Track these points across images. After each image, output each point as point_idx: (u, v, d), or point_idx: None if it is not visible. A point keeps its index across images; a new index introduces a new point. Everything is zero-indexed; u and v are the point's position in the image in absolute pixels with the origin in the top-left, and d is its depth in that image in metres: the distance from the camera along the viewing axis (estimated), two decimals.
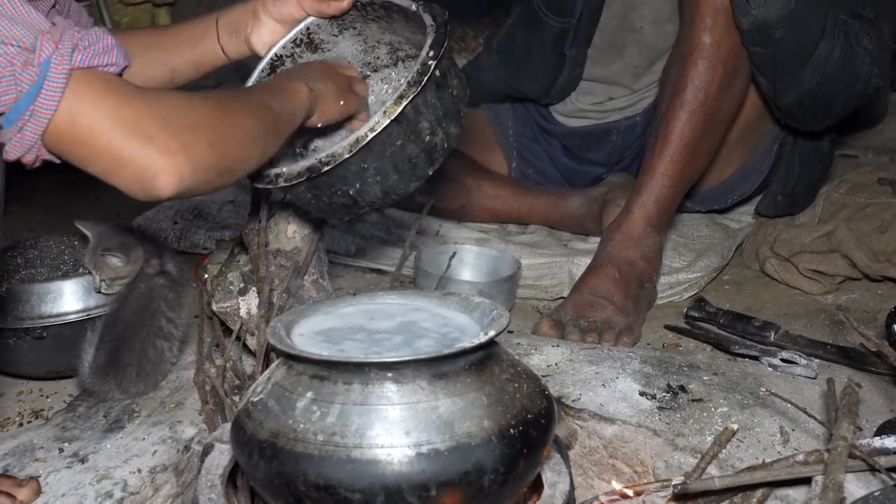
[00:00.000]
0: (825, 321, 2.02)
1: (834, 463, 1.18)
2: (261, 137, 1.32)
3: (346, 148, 1.41)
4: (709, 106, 2.03)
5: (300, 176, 1.44)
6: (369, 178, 1.46)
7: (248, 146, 1.29)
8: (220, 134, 1.21)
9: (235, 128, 1.26)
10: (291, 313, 1.26)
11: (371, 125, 1.40)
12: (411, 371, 1.07)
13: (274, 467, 1.07)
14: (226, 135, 1.23)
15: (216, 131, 1.21)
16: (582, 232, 2.48)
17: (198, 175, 1.17)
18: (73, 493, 1.37)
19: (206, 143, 1.18)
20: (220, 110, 1.25)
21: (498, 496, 1.09)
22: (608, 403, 1.56)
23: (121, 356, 1.63)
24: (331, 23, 1.65)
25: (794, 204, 2.46)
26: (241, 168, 1.31)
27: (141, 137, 1.12)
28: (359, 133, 1.41)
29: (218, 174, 1.23)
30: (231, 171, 1.26)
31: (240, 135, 1.26)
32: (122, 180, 1.14)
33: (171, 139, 1.14)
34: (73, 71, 1.08)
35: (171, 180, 1.14)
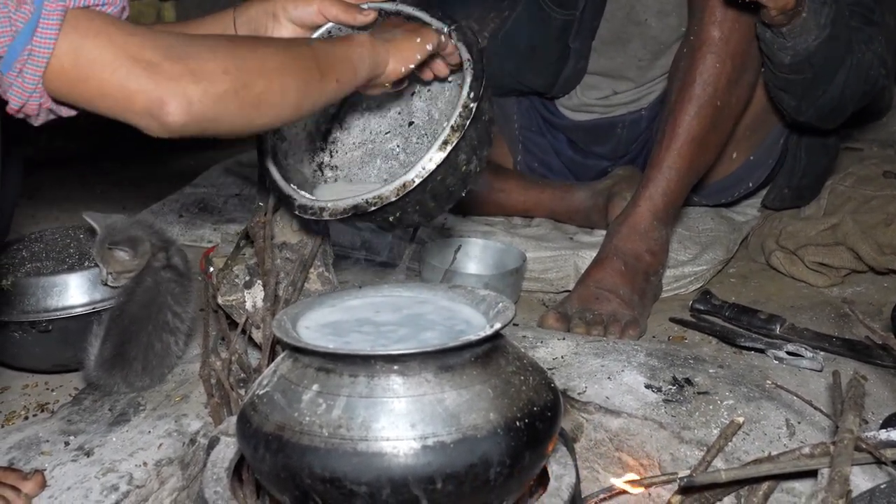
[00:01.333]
0: (831, 314, 2.02)
1: (840, 455, 1.18)
2: (293, 70, 1.26)
3: (392, 192, 1.42)
4: (717, 100, 2.02)
5: (345, 212, 1.45)
6: (409, 208, 1.47)
7: (276, 76, 1.22)
8: (235, 59, 1.17)
9: (256, 55, 1.21)
10: (297, 306, 1.26)
11: (417, 171, 1.42)
12: (417, 364, 1.07)
13: (280, 460, 1.06)
14: (243, 60, 1.18)
15: (231, 57, 1.17)
16: (587, 225, 2.48)
17: (210, 101, 1.13)
18: (79, 486, 1.37)
19: (219, 69, 1.14)
20: (237, 40, 1.24)
21: (504, 489, 1.09)
22: (614, 396, 1.56)
23: (127, 350, 1.63)
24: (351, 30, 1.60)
25: (800, 197, 2.46)
26: (275, 102, 1.24)
27: (145, 66, 1.09)
28: (405, 178, 1.41)
29: (239, 104, 1.17)
30: (257, 102, 1.20)
31: (262, 63, 1.21)
32: (133, 114, 1.12)
33: (177, 65, 1.10)
34: (70, 10, 1.06)
35: (179, 105, 1.10)
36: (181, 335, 1.71)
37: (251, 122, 1.22)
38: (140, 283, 1.68)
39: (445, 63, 1.58)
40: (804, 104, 2.10)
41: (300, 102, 1.28)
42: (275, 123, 1.30)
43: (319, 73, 1.30)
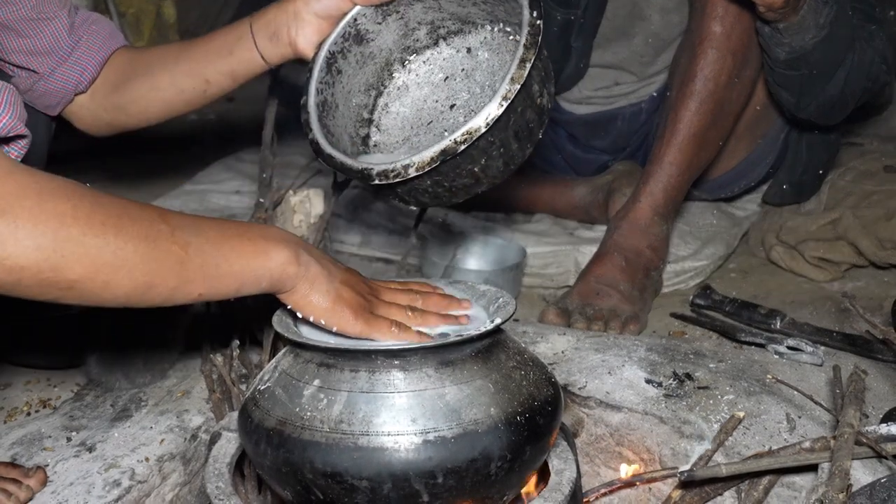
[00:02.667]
0: (831, 308, 2.02)
1: (840, 450, 1.18)
2: (141, 269, 1.02)
3: (482, 122, 1.31)
4: (718, 95, 2.02)
5: (434, 161, 1.32)
6: (494, 151, 1.38)
7: (109, 271, 1.00)
8: (59, 240, 0.96)
9: (94, 243, 0.98)
10: None
11: (503, 94, 1.32)
12: (418, 359, 1.07)
13: (281, 455, 1.07)
14: (69, 244, 0.97)
15: (55, 235, 0.96)
16: (587, 220, 2.48)
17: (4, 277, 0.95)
18: (81, 481, 1.38)
19: (30, 242, 0.94)
20: (84, 217, 0.98)
21: (504, 483, 1.09)
22: (614, 391, 1.56)
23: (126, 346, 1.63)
24: (375, 10, 1.57)
25: (800, 192, 2.46)
26: (94, 292, 1.01)
27: None
28: (492, 105, 1.31)
29: (39, 283, 0.97)
30: (70, 288, 0.99)
31: (97, 253, 0.99)
32: None
33: None
34: None
35: None
36: (180, 330, 1.71)
37: (55, 299, 1.00)
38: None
39: None
40: (803, 101, 2.10)
41: (131, 300, 1.05)
42: (88, 305, 1.04)
43: (179, 280, 1.06)
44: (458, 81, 1.67)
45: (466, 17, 1.61)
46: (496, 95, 1.33)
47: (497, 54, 1.64)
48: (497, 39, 1.63)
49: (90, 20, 1.57)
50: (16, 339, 1.77)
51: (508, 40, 1.61)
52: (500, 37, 1.63)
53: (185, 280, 1.06)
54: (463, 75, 1.66)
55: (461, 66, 1.67)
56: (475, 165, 1.39)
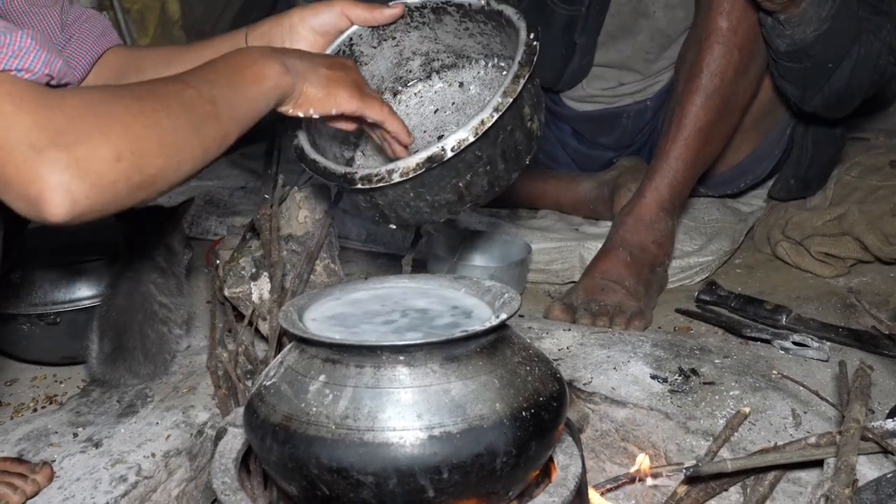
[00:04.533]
0: (837, 304, 2.02)
1: (846, 445, 1.18)
2: (195, 138, 1.14)
3: (470, 131, 1.31)
4: (724, 90, 2.02)
5: (419, 167, 1.32)
6: (480, 167, 1.37)
7: (176, 150, 1.11)
8: (131, 142, 1.04)
9: (156, 131, 1.08)
10: (303, 298, 1.27)
11: (495, 105, 1.32)
12: (423, 354, 1.07)
13: (287, 451, 1.07)
14: (141, 141, 1.05)
15: (127, 138, 1.04)
16: (593, 216, 2.48)
17: (99, 194, 1.01)
18: (88, 477, 1.38)
19: (111, 155, 1.01)
20: (137, 111, 1.07)
21: (510, 478, 1.09)
22: (620, 387, 1.56)
23: (124, 342, 1.64)
24: (372, 33, 1.57)
25: (806, 187, 2.45)
26: (170, 176, 1.11)
27: (27, 151, 0.97)
28: (483, 115, 1.32)
29: (133, 188, 1.05)
30: (154, 181, 1.08)
31: (162, 139, 1.09)
32: (10, 201, 1.00)
33: (63, 153, 0.98)
34: None
35: (60, 202, 0.98)
36: (174, 324, 1.71)
37: (144, 199, 1.09)
38: (121, 276, 1.69)
39: (388, 138, 1.49)
40: (808, 94, 2.09)
41: (196, 168, 1.17)
42: (167, 192, 1.15)
43: (222, 133, 1.19)
44: (448, 114, 1.68)
45: (461, 51, 1.61)
46: (487, 106, 1.32)
47: (489, 89, 1.64)
48: (490, 75, 1.64)
49: (83, 18, 1.56)
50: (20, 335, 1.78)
51: (501, 76, 1.61)
52: (493, 72, 1.64)
53: (224, 129, 1.20)
54: (453, 108, 1.67)
55: (452, 99, 1.67)
56: (460, 180, 1.38)
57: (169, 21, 3.82)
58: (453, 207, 1.43)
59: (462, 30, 1.57)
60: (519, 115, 1.38)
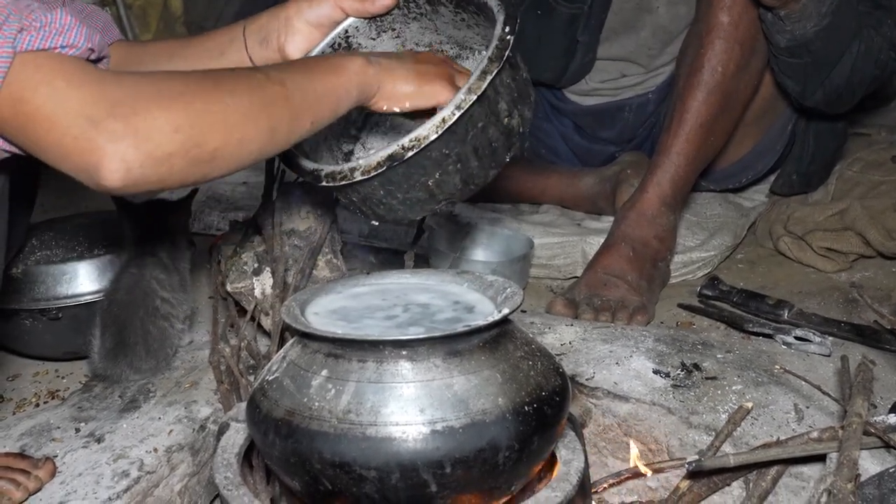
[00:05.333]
0: (839, 299, 2.02)
1: (849, 440, 1.18)
2: (262, 117, 1.16)
3: (431, 129, 1.29)
4: (725, 85, 2.02)
5: (380, 166, 1.31)
6: (450, 165, 1.35)
7: (236, 129, 1.12)
8: (190, 115, 1.07)
9: (218, 107, 1.10)
10: (305, 292, 1.27)
11: (456, 103, 1.30)
12: (426, 349, 1.07)
13: (289, 445, 1.07)
14: (201, 115, 1.08)
15: (186, 112, 1.06)
16: (595, 211, 2.48)
17: (153, 164, 1.04)
18: (90, 472, 1.38)
19: (169, 126, 1.04)
20: (197, 88, 1.10)
21: (513, 473, 1.09)
22: (622, 381, 1.56)
23: (126, 337, 1.64)
24: (370, 24, 1.56)
25: (808, 182, 2.45)
26: (233, 154, 1.13)
27: (85, 122, 1.01)
28: (444, 113, 1.29)
29: (191, 162, 1.08)
30: (213, 158, 1.10)
31: (225, 115, 1.11)
32: (68, 170, 1.05)
33: (120, 123, 1.01)
34: (20, 54, 1.01)
35: (116, 170, 1.02)
36: (176, 319, 1.71)
37: (203, 176, 1.12)
38: (124, 271, 1.69)
39: None
40: (808, 89, 2.09)
41: (263, 150, 1.19)
42: (229, 174, 1.18)
43: (291, 116, 1.20)
44: None
45: (464, 42, 1.60)
46: (450, 103, 1.31)
47: None
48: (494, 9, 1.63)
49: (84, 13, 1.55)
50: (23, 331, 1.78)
51: None
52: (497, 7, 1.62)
53: (295, 114, 1.21)
54: None
55: None
56: (429, 178, 1.36)
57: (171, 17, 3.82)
58: (426, 205, 1.41)
59: (459, 20, 1.56)
60: (492, 111, 1.35)
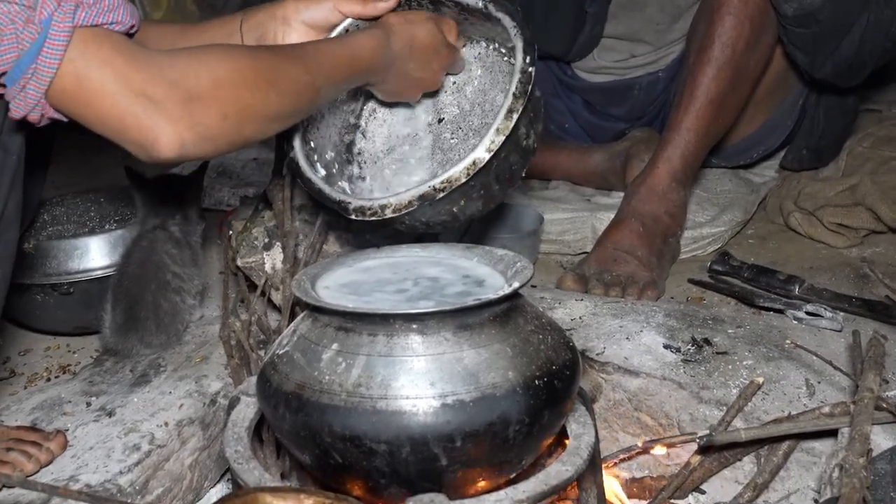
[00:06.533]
0: (850, 274, 2.01)
1: (860, 415, 1.18)
2: (292, 117, 1.29)
3: (462, 172, 1.35)
4: (736, 61, 2.01)
5: (410, 205, 1.37)
6: (475, 193, 1.41)
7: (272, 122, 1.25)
8: (237, 106, 1.16)
9: (262, 104, 1.20)
10: (316, 267, 1.27)
11: (486, 146, 1.35)
12: (436, 322, 1.07)
13: (300, 419, 1.07)
14: (246, 109, 1.18)
15: (234, 103, 1.16)
16: (605, 187, 2.47)
17: (202, 143, 1.13)
18: (101, 445, 1.39)
19: (218, 114, 1.14)
20: (251, 81, 1.18)
21: (523, 447, 1.09)
22: (633, 356, 1.56)
23: (136, 312, 1.64)
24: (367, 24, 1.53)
25: (819, 158, 2.44)
26: (258, 138, 1.24)
27: (146, 102, 1.09)
28: (475, 155, 1.35)
29: (228, 143, 1.18)
30: (245, 141, 1.21)
31: (265, 111, 1.21)
32: (125, 143, 1.12)
33: (177, 107, 1.10)
34: (77, 29, 1.06)
35: (171, 146, 1.10)
36: (186, 294, 1.72)
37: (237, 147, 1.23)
38: (135, 245, 1.70)
39: None
40: (817, 60, 2.08)
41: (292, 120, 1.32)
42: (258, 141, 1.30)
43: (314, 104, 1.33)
44: (449, 94, 1.67)
45: (462, 31, 1.60)
46: (480, 146, 1.35)
47: (490, 72, 1.64)
48: (491, 57, 1.63)
49: None
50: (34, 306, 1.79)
51: (503, 60, 1.61)
52: (495, 55, 1.63)
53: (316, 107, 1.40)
54: (454, 88, 1.66)
55: (452, 79, 1.66)
56: (454, 206, 1.41)
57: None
58: (448, 224, 1.48)
59: (462, 19, 1.56)
60: (514, 140, 1.39)
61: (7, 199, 1.22)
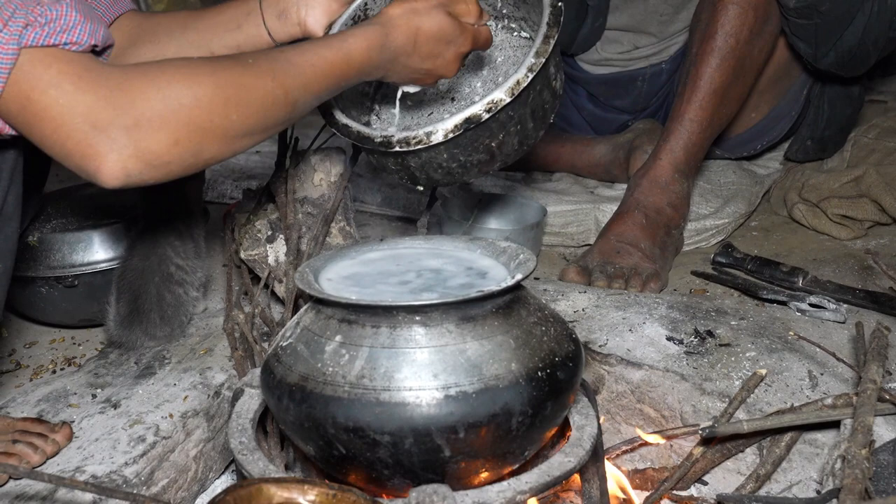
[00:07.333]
0: (854, 266, 2.01)
1: (863, 406, 1.18)
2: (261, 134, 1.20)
3: (507, 92, 1.34)
4: (739, 51, 2.01)
5: (457, 129, 1.36)
6: (512, 127, 1.40)
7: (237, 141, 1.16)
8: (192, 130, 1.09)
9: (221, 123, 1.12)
10: (319, 259, 1.27)
11: (528, 66, 1.35)
12: (439, 314, 1.07)
13: (303, 410, 1.07)
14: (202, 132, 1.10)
15: (188, 127, 1.09)
16: (608, 179, 2.47)
17: (150, 171, 1.08)
18: (107, 437, 1.39)
19: (169, 140, 1.07)
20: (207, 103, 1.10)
21: (526, 438, 1.09)
22: (635, 348, 1.56)
23: (140, 304, 1.65)
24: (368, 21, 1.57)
25: (823, 148, 2.44)
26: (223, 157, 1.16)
27: (90, 128, 1.04)
28: (518, 76, 1.34)
29: (183, 168, 1.11)
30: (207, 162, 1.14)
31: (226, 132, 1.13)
32: (70, 168, 1.07)
33: (123, 134, 1.04)
34: (25, 50, 1.02)
35: (114, 175, 1.05)
36: (190, 286, 1.72)
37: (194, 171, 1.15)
38: (138, 239, 1.70)
39: None
40: (820, 51, 2.08)
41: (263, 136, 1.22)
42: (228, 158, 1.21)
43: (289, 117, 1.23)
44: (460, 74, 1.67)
45: None
46: (521, 67, 1.35)
47: (500, 50, 1.64)
48: (500, 36, 1.65)
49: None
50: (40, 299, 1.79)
51: (512, 37, 1.62)
52: (504, 34, 1.64)
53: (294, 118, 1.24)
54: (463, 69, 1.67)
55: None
56: (493, 140, 1.40)
57: None
58: (484, 167, 1.46)
59: None
60: (546, 75, 1.40)
61: (6, 194, 1.21)
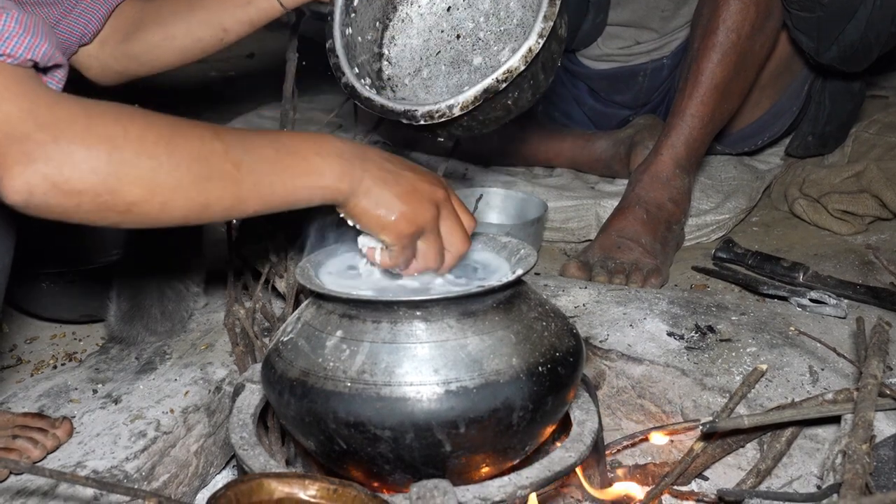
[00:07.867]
0: (855, 261, 2.01)
1: (864, 401, 1.18)
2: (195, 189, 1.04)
3: (521, 61, 1.35)
4: (741, 47, 2.00)
5: (477, 100, 1.36)
6: (525, 83, 1.42)
7: (165, 192, 1.02)
8: (114, 163, 0.98)
9: (148, 164, 1.00)
10: (320, 254, 1.27)
11: (539, 31, 1.36)
12: (440, 309, 1.07)
13: (304, 405, 1.08)
14: (125, 167, 0.98)
15: (110, 159, 0.97)
16: (609, 174, 2.47)
17: (60, 197, 0.96)
18: (108, 432, 1.39)
19: (87, 167, 0.96)
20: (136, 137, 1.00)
21: (526, 433, 1.09)
22: (636, 344, 1.56)
23: (142, 299, 1.65)
24: None
25: (824, 144, 2.44)
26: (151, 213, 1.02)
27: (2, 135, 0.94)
28: (530, 43, 1.36)
29: (101, 207, 0.99)
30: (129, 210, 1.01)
31: (153, 175, 1.00)
32: None
33: (34, 147, 0.94)
34: None
35: (18, 191, 0.95)
36: (191, 282, 1.72)
37: (115, 224, 1.03)
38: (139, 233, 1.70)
39: None
40: (822, 45, 2.08)
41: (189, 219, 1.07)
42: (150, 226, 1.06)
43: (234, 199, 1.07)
44: (462, 11, 1.68)
45: None
46: (532, 34, 1.36)
47: None
48: None
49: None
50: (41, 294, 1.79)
51: None
52: None
53: (239, 199, 1.07)
54: (465, 4, 1.68)
55: None
56: (509, 99, 1.41)
57: None
58: (502, 119, 1.47)
59: None
60: (554, 28, 1.40)
61: None
